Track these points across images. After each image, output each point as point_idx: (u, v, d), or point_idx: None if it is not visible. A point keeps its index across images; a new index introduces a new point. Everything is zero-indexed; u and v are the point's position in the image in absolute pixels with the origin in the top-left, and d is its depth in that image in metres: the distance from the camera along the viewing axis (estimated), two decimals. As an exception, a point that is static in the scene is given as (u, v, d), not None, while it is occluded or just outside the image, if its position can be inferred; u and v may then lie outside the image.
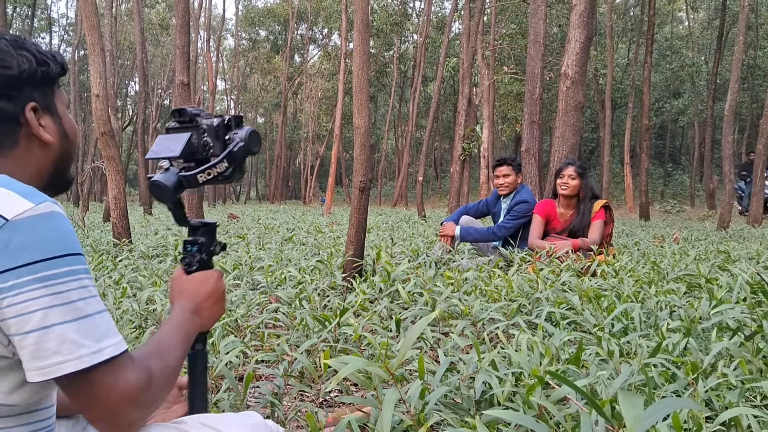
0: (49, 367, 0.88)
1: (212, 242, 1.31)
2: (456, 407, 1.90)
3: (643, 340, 2.43)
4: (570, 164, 5.04)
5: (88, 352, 0.89)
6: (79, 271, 0.92)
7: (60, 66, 1.11)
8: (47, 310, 0.87)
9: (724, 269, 4.47)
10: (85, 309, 0.91)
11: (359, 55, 4.22)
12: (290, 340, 2.80)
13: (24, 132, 1.04)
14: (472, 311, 3.00)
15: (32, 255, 0.87)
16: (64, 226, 0.93)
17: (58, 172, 1.11)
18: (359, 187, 4.19)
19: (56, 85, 1.11)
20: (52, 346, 0.87)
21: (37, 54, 1.06)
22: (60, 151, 1.10)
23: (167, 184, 1.16)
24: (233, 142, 1.20)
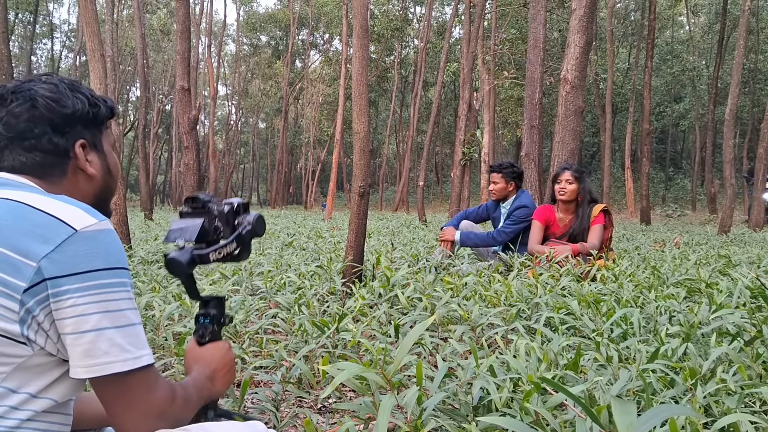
0: (99, 365, 0.99)
1: (222, 314, 1.42)
2: (454, 413, 1.89)
3: (642, 346, 2.42)
4: (566, 169, 5.02)
5: (131, 357, 1.02)
6: (128, 284, 1.05)
7: (109, 109, 1.26)
8: (104, 314, 1.00)
9: (725, 274, 4.45)
10: (131, 318, 1.04)
11: (359, 60, 4.22)
12: (289, 345, 2.79)
13: (72, 165, 1.19)
14: (471, 316, 2.99)
15: (96, 263, 1.00)
16: (119, 242, 1.06)
17: (99, 203, 1.22)
18: (359, 192, 4.18)
19: (104, 126, 1.26)
20: (103, 347, 0.99)
21: (90, 97, 1.21)
22: (102, 185, 1.24)
23: (182, 261, 1.28)
24: (242, 225, 1.33)
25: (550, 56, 20.14)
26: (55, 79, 1.18)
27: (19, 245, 0.98)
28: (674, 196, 32.04)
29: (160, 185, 52.28)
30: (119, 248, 1.05)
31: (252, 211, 1.38)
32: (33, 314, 0.98)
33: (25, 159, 1.14)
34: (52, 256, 0.97)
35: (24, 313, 0.98)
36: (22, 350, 1.00)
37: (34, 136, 1.14)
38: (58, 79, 1.19)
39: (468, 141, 12.04)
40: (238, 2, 40.48)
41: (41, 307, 0.98)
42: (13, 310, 0.97)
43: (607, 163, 19.02)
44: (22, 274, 0.97)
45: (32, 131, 1.14)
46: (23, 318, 0.98)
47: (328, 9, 33.46)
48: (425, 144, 18.40)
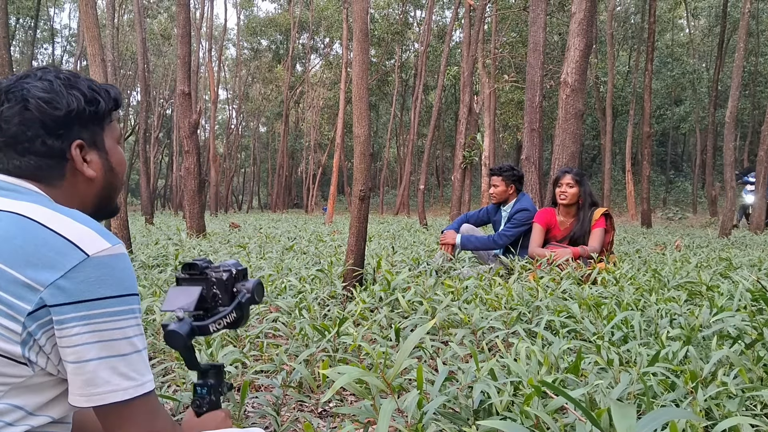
0: (100, 394, 0.97)
1: (221, 383, 1.39)
2: (454, 417, 1.89)
3: (643, 349, 2.42)
4: (567, 172, 5.02)
5: (134, 384, 0.99)
6: (136, 310, 1.02)
7: (113, 101, 1.19)
8: (108, 343, 0.97)
9: (726, 276, 4.45)
10: (137, 345, 1.01)
11: (359, 64, 4.22)
12: (289, 350, 2.79)
13: (70, 167, 1.13)
14: (471, 320, 2.99)
15: (105, 291, 0.97)
16: (130, 268, 1.04)
17: (102, 203, 1.20)
18: (359, 196, 4.18)
19: (107, 120, 1.19)
20: (105, 375, 0.97)
21: (87, 92, 1.13)
22: (104, 184, 1.19)
23: (182, 333, 1.25)
24: (240, 293, 1.29)
25: (550, 59, 20.15)
26: (52, 74, 1.13)
27: (28, 268, 0.95)
28: (675, 199, 32.04)
29: (161, 189, 52.33)
30: (130, 274, 1.02)
31: (250, 278, 1.35)
32: (35, 337, 0.97)
33: (20, 163, 1.10)
34: (60, 283, 0.95)
35: (26, 335, 0.96)
36: (23, 371, 0.98)
37: (27, 139, 1.09)
38: (55, 73, 1.13)
39: (468, 144, 12.04)
40: (239, 6, 40.57)
41: (43, 330, 0.96)
42: (15, 332, 0.96)
43: (608, 166, 19.02)
44: (27, 298, 0.95)
45: (25, 134, 1.09)
46: (25, 340, 0.96)
47: (329, 13, 33.54)
48: (426, 147, 18.42)
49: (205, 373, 1.38)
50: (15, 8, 29.32)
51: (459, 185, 12.34)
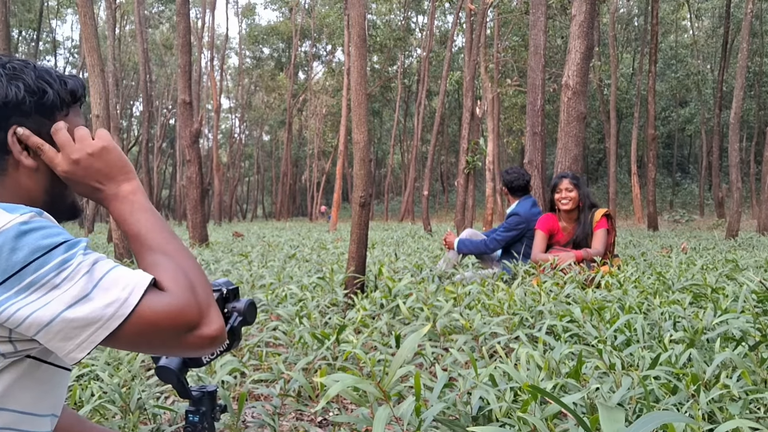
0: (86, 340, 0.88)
1: (213, 408, 1.35)
2: (453, 424, 1.86)
3: (646, 352, 2.38)
4: (564, 177, 4.96)
5: (117, 306, 0.89)
6: (74, 255, 0.90)
7: (69, 93, 1.10)
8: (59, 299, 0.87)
9: (732, 278, 4.40)
10: (97, 274, 0.90)
11: (357, 70, 4.21)
12: (289, 358, 2.77)
13: (11, 160, 1.04)
14: (473, 326, 2.96)
15: (22, 258, 0.87)
16: (50, 225, 0.93)
17: (53, 199, 1.10)
18: (359, 202, 4.17)
19: (59, 112, 1.09)
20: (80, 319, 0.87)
21: (33, 82, 1.05)
22: (50, 178, 1.08)
23: (173, 368, 1.22)
24: (232, 317, 1.22)
25: (553, 63, 20.15)
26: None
27: None
28: (682, 201, 31.92)
29: (165, 199, 52.44)
30: (51, 232, 0.91)
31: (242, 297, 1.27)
32: None
33: None
34: None
35: None
36: None
37: None
38: (1, 63, 1.06)
39: (471, 149, 12.01)
40: (240, 15, 40.74)
41: None
42: None
43: (613, 170, 18.96)
44: None
45: None
46: None
47: (330, 20, 33.62)
48: (429, 153, 18.42)
49: (198, 401, 1.34)
50: (17, 21, 29.53)
51: (463, 190, 12.31)
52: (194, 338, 0.92)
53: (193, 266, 1.01)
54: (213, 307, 0.97)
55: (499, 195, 18.44)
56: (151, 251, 1.02)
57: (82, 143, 1.08)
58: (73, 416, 1.33)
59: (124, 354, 2.77)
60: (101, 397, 2.27)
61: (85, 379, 2.57)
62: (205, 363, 1.24)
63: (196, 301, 0.94)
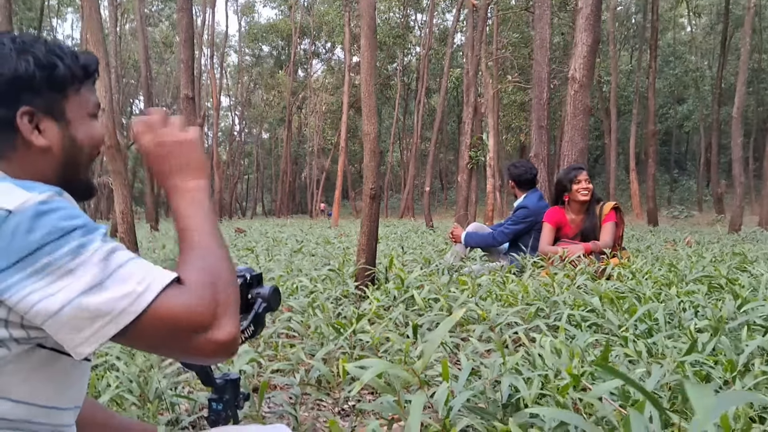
0: (96, 333, 0.84)
1: (237, 396, 1.33)
2: (482, 412, 1.82)
3: (670, 341, 2.35)
4: (582, 169, 4.98)
5: (133, 298, 0.84)
6: (91, 240, 0.86)
7: (81, 69, 1.05)
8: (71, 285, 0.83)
9: (743, 270, 4.38)
10: (111, 265, 0.86)
11: (367, 60, 4.17)
12: (305, 348, 2.73)
13: (21, 137, 1.00)
14: (489, 316, 2.93)
15: (38, 239, 0.84)
16: (68, 206, 0.89)
17: (66, 178, 1.05)
18: (370, 194, 4.13)
19: (72, 89, 1.04)
20: (92, 308, 0.83)
21: (43, 56, 1.00)
22: (63, 157, 1.04)
23: None
24: (256, 303, 1.19)
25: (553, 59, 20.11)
26: (7, 38, 1.01)
27: None
28: (679, 198, 31.95)
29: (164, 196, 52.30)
30: (69, 213, 0.88)
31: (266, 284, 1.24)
32: None
33: None
34: None
35: None
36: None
37: None
38: (11, 37, 1.01)
39: (474, 145, 11.98)
40: (240, 13, 40.65)
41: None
42: None
43: (613, 166, 18.95)
44: None
45: None
46: None
47: (330, 18, 33.56)
48: (430, 150, 18.38)
49: (222, 389, 1.32)
50: (18, 19, 29.47)
51: (466, 186, 12.27)
52: (204, 341, 0.87)
53: (226, 270, 0.96)
54: (231, 315, 0.91)
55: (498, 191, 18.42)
56: (190, 249, 0.97)
57: (172, 129, 1.07)
58: (95, 405, 1.30)
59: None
60: (118, 387, 2.23)
61: (101, 369, 2.53)
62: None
63: (213, 299, 0.89)
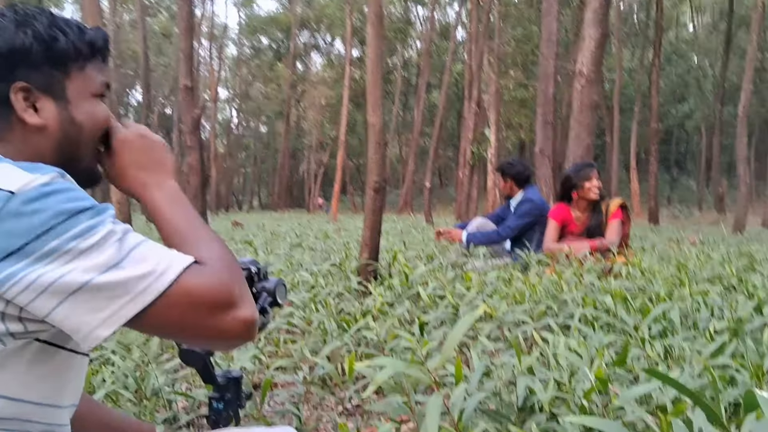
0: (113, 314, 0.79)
1: (239, 396, 1.28)
2: (496, 415, 1.74)
3: (686, 343, 2.27)
4: (594, 167, 4.92)
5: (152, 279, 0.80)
6: (103, 221, 0.82)
7: (87, 44, 0.97)
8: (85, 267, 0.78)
9: (753, 270, 4.30)
10: (126, 245, 0.82)
11: (373, 50, 4.07)
12: (307, 345, 2.64)
13: (16, 115, 0.93)
14: (497, 314, 2.84)
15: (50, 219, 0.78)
16: (75, 188, 0.84)
17: (64, 160, 0.97)
18: (374, 187, 4.04)
19: (75, 66, 0.97)
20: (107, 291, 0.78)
21: (43, 30, 0.93)
22: (61, 139, 0.97)
23: (199, 350, 1.17)
24: (261, 297, 1.16)
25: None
26: (9, 10, 0.94)
27: None
28: (679, 197, 31.89)
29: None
30: (74, 195, 0.82)
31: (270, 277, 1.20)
32: None
33: None
34: None
35: None
36: None
37: None
38: (13, 9, 0.95)
39: (477, 139, 11.89)
40: (239, 5, 40.47)
41: None
42: None
43: (614, 164, 18.88)
44: None
45: None
46: None
47: (330, 11, 33.42)
48: (432, 145, 18.30)
49: (224, 387, 1.25)
50: (15, 7, 29.29)
51: (467, 182, 12.19)
52: (230, 319, 0.82)
53: (233, 257, 0.92)
54: (249, 297, 0.87)
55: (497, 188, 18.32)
56: (193, 242, 0.92)
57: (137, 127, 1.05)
58: (91, 402, 1.23)
59: (135, 336, 2.63)
60: (114, 383, 2.15)
61: (96, 364, 2.44)
62: None
63: (233, 279, 0.86)
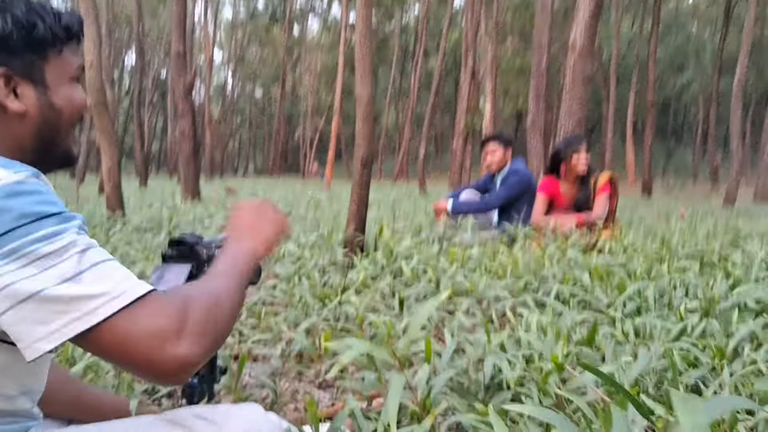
0: (57, 330, 0.78)
1: (213, 371, 1.31)
2: (463, 392, 1.78)
3: (659, 321, 2.31)
4: (583, 140, 4.92)
5: (103, 301, 0.79)
6: (69, 229, 0.82)
7: (63, 28, 0.98)
8: (44, 272, 0.78)
9: (736, 246, 4.34)
10: (88, 260, 0.81)
11: (362, 19, 4.03)
12: (288, 318, 2.68)
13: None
14: (477, 289, 2.88)
15: (15, 221, 0.78)
16: (47, 191, 0.85)
17: (44, 145, 0.99)
18: (361, 161, 4.03)
19: (52, 51, 0.98)
20: (56, 305, 0.78)
21: (22, 15, 0.93)
22: (41, 124, 0.98)
23: None
24: None
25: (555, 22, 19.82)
26: None
27: None
28: (675, 169, 31.89)
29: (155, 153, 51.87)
30: (44, 198, 0.82)
31: None
32: None
33: None
34: None
35: None
36: None
37: None
38: None
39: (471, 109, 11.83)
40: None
41: None
42: None
43: (610, 135, 18.83)
44: None
45: None
46: None
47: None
48: (427, 113, 18.18)
49: None
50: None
51: (460, 152, 12.17)
52: (166, 356, 0.80)
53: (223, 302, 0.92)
54: (198, 340, 0.83)
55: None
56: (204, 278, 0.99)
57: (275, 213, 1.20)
58: (65, 377, 1.25)
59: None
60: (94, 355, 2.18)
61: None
62: None
63: (183, 313, 0.83)
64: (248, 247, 1.10)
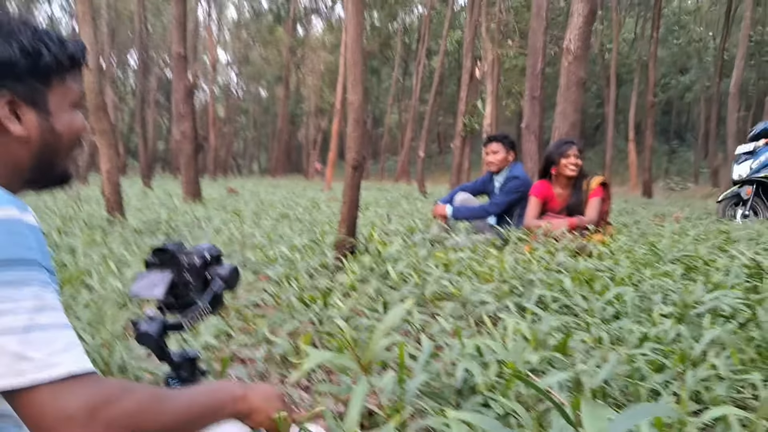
0: None
1: (194, 374, 1.32)
2: (437, 396, 1.84)
3: (635, 326, 2.36)
4: (574, 144, 4.95)
5: (32, 366, 0.78)
6: (33, 281, 0.82)
7: (68, 57, 1.01)
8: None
9: (724, 250, 4.38)
10: (39, 320, 0.80)
11: (353, 26, 4.10)
12: (275, 321, 2.74)
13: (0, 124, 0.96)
14: (462, 293, 2.93)
15: None
16: (23, 233, 0.84)
17: (41, 167, 1.02)
18: (352, 165, 4.10)
19: (56, 79, 1.01)
20: None
21: (28, 43, 0.95)
22: (41, 148, 1.00)
23: (152, 334, 1.19)
24: (215, 282, 1.21)
25: (555, 25, 19.84)
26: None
27: None
28: (677, 169, 31.82)
29: (161, 152, 51.98)
30: (19, 240, 0.83)
31: (225, 262, 1.26)
32: None
33: None
34: None
35: None
36: None
37: None
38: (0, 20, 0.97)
39: (469, 111, 11.87)
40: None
41: None
42: None
43: (611, 135, 18.84)
44: None
45: None
46: None
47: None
48: (427, 114, 18.21)
49: (179, 366, 1.31)
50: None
51: (459, 153, 12.21)
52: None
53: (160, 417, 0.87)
54: (116, 427, 0.81)
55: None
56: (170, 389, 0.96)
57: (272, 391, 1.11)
58: None
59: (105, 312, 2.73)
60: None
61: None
62: (186, 329, 1.21)
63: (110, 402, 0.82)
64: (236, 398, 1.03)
